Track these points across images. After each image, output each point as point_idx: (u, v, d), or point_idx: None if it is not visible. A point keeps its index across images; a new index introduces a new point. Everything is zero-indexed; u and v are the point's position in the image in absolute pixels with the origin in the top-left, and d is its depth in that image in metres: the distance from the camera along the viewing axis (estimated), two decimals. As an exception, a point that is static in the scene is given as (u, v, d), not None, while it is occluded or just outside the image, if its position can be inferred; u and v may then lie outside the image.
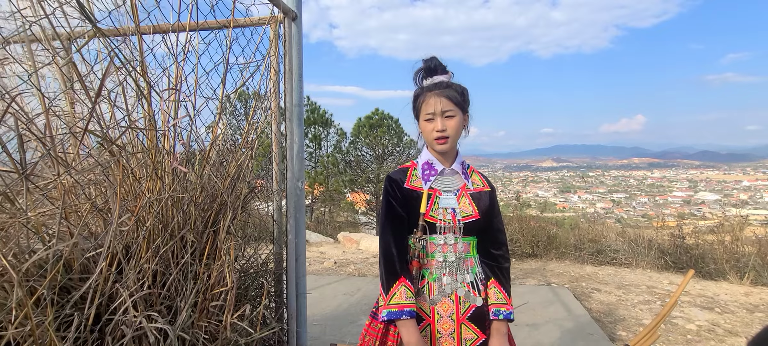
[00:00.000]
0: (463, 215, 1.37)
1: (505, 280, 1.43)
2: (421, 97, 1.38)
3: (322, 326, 3.31)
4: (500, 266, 1.43)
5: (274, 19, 2.06)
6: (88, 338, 1.24)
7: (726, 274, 4.91)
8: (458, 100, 1.35)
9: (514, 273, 5.11)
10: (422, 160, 1.44)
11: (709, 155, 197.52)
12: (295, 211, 2.20)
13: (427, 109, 1.35)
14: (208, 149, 1.77)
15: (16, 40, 1.30)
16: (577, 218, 8.69)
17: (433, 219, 1.35)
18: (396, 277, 1.32)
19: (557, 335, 3.17)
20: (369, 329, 1.46)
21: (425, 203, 1.36)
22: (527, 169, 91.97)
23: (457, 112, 1.34)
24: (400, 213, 1.38)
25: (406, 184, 1.40)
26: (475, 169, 1.50)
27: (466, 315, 1.37)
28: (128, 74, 1.37)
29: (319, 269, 5.39)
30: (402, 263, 1.35)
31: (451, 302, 1.37)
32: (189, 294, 1.45)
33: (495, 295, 1.40)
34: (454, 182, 1.42)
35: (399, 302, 1.30)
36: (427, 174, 1.41)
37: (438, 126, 1.33)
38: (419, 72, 1.41)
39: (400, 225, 1.37)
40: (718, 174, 62.60)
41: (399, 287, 1.31)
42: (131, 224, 1.39)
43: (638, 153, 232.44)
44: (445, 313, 1.36)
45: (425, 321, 1.37)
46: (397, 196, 1.39)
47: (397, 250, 1.35)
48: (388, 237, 1.36)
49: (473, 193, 1.41)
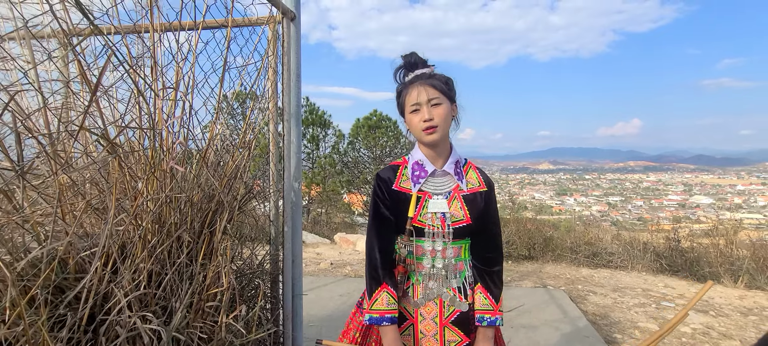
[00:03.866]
0: (454, 220, 1.30)
1: (494, 285, 1.35)
2: (404, 91, 1.30)
3: (318, 328, 3.30)
4: (490, 269, 1.35)
5: (272, 19, 2.06)
6: (81, 338, 1.23)
7: (720, 277, 4.94)
8: (443, 88, 1.27)
9: (511, 275, 5.12)
10: (413, 160, 1.35)
11: (705, 159, 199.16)
12: (292, 212, 2.19)
13: (411, 100, 1.27)
14: (205, 149, 1.76)
15: (14, 38, 1.29)
16: (573, 220, 8.72)
17: (422, 224, 1.29)
18: (378, 283, 1.29)
19: (553, 338, 3.18)
20: (353, 318, 1.44)
21: (414, 207, 1.29)
22: (524, 172, 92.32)
23: (443, 100, 1.26)
24: (387, 215, 1.33)
25: (395, 185, 1.34)
26: (474, 165, 1.40)
27: (450, 319, 1.33)
28: (126, 72, 1.36)
29: (316, 270, 5.37)
30: (385, 268, 1.31)
31: (434, 305, 1.33)
32: (184, 295, 1.44)
33: (480, 301, 1.33)
34: (446, 184, 1.34)
35: (380, 308, 1.27)
36: (416, 175, 1.32)
37: (424, 115, 1.25)
38: (400, 69, 1.34)
39: (386, 228, 1.33)
40: (713, 178, 63.07)
41: (381, 293, 1.28)
42: (127, 224, 1.38)
43: (634, 156, 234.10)
44: (427, 315, 1.33)
45: (408, 321, 1.34)
46: (384, 197, 1.34)
47: (381, 253, 1.31)
48: (373, 240, 1.33)
49: (467, 195, 1.33)
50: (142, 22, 1.54)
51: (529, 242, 6.06)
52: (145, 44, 1.48)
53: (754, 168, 75.68)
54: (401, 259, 1.33)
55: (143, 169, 1.46)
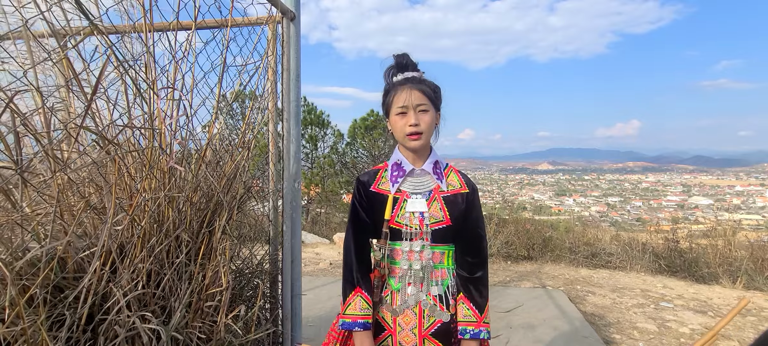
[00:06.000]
0: (433, 221, 1.26)
1: (478, 294, 1.28)
2: (392, 91, 1.28)
3: (316, 328, 3.30)
4: (472, 276, 1.29)
5: (272, 19, 2.06)
6: (80, 337, 1.23)
7: (719, 278, 4.95)
8: (431, 95, 1.26)
9: (510, 276, 5.12)
10: (392, 161, 1.34)
11: (703, 160, 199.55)
12: (291, 211, 2.19)
13: (398, 102, 1.25)
14: (204, 148, 1.76)
15: (13, 37, 1.29)
16: (572, 221, 8.73)
17: (399, 225, 1.26)
18: (352, 287, 1.28)
19: (552, 338, 3.19)
20: (333, 328, 1.42)
21: (390, 208, 1.27)
22: (523, 173, 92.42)
23: (430, 107, 1.25)
24: (364, 219, 1.32)
25: (373, 187, 1.32)
26: (455, 168, 1.37)
27: (430, 330, 1.27)
28: (126, 72, 1.36)
29: (315, 270, 5.37)
30: (360, 272, 1.29)
31: (413, 314, 1.28)
32: (183, 294, 1.44)
33: (463, 312, 1.27)
34: (425, 184, 1.30)
35: (353, 312, 1.25)
36: (395, 175, 1.30)
37: (411, 120, 1.23)
38: (390, 69, 1.32)
39: (362, 231, 1.32)
40: (711, 179, 63.20)
41: (354, 298, 1.27)
42: (126, 223, 1.38)
43: (633, 157, 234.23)
44: (406, 326, 1.28)
45: (387, 331, 1.30)
46: (362, 200, 1.33)
47: (356, 257, 1.30)
48: (349, 243, 1.32)
49: (447, 196, 1.29)
50: (141, 22, 1.54)
51: (528, 242, 6.06)
52: (145, 44, 1.48)
53: (753, 169, 75.88)
54: (377, 262, 1.30)
55: (141, 169, 1.46)
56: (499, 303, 3.95)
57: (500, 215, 7.12)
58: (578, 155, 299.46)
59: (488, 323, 1.27)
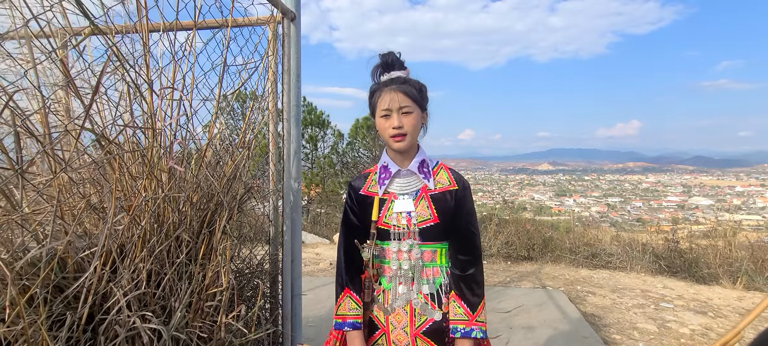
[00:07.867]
0: (420, 220, 1.27)
1: (470, 292, 1.26)
2: (377, 92, 1.29)
3: (317, 328, 3.30)
4: (465, 274, 1.27)
5: (272, 20, 2.06)
6: (80, 337, 1.23)
7: (719, 278, 4.95)
8: (416, 96, 1.26)
9: (510, 276, 5.12)
10: (380, 164, 1.36)
11: (703, 160, 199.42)
12: (292, 211, 2.19)
13: (382, 105, 1.26)
14: (205, 149, 1.76)
15: (13, 37, 1.29)
16: (572, 221, 8.72)
17: (387, 225, 1.29)
18: (342, 288, 1.33)
19: (552, 338, 3.19)
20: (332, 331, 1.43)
21: (377, 210, 1.30)
22: (523, 173, 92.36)
23: (414, 108, 1.25)
24: (354, 222, 1.35)
25: (362, 190, 1.35)
26: (446, 166, 1.36)
27: (422, 329, 1.28)
28: (126, 72, 1.36)
29: (315, 270, 5.37)
30: (349, 274, 1.34)
31: (404, 313, 1.29)
32: (184, 294, 1.44)
33: (454, 310, 1.26)
34: (412, 184, 1.31)
35: (343, 312, 1.31)
36: (382, 178, 1.32)
37: (394, 122, 1.24)
38: (377, 68, 1.33)
39: (351, 234, 1.34)
40: (711, 179, 63.16)
41: (344, 298, 1.32)
42: (126, 223, 1.38)
43: (633, 158, 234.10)
44: (398, 324, 1.30)
45: (380, 330, 1.32)
46: (352, 204, 1.37)
47: (346, 259, 1.35)
48: (341, 246, 1.37)
49: (435, 194, 1.29)
50: (141, 23, 1.54)
51: (529, 242, 6.06)
52: (144, 44, 1.48)
53: (753, 169, 75.79)
54: (367, 263, 1.32)
55: (141, 169, 1.46)
56: (499, 304, 3.95)
57: (500, 215, 7.12)
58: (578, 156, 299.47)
59: (483, 321, 1.25)
